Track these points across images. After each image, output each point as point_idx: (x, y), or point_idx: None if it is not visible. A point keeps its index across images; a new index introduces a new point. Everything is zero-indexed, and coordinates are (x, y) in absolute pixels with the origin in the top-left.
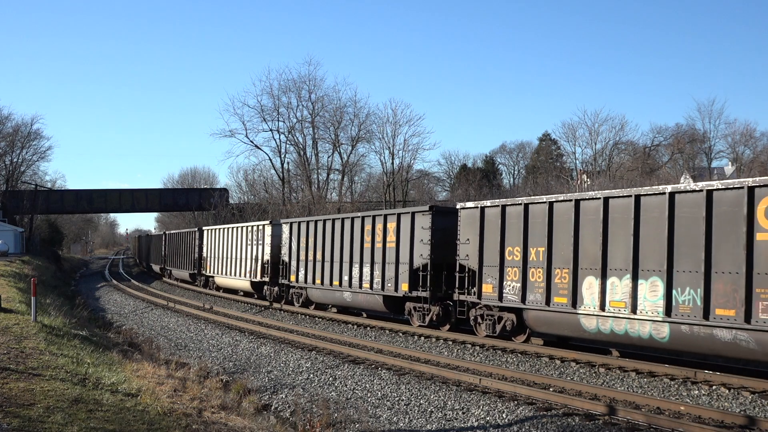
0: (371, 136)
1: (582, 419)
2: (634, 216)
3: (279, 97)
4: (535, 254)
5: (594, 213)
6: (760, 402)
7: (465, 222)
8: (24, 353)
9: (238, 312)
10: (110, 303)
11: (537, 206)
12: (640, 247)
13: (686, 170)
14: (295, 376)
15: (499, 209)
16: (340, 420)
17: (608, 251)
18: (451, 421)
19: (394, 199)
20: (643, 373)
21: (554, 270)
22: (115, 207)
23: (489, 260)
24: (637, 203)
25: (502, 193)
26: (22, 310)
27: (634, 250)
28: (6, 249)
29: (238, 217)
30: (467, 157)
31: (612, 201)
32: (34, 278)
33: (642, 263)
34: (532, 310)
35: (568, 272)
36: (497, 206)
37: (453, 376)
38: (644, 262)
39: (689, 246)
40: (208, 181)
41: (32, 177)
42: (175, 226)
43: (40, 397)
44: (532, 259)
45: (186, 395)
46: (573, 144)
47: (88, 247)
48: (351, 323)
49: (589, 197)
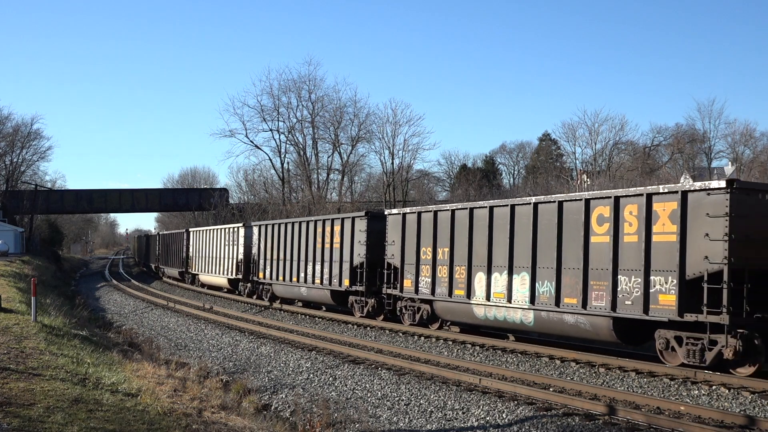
0: (371, 136)
1: (582, 419)
2: (510, 222)
3: (279, 97)
4: (441, 254)
5: (483, 219)
6: (760, 402)
7: (391, 226)
8: (24, 353)
9: (238, 312)
10: (110, 303)
11: (443, 213)
12: (514, 248)
13: (686, 170)
14: (295, 376)
15: (416, 215)
16: (340, 420)
17: (492, 251)
18: (451, 421)
19: (394, 199)
20: (643, 373)
21: (455, 267)
22: (115, 207)
23: (408, 259)
24: (512, 211)
25: (501, 193)
26: (22, 310)
27: (509, 250)
28: (6, 249)
29: (238, 217)
30: (467, 157)
31: (496, 209)
32: (34, 278)
33: (515, 261)
34: (439, 301)
35: (465, 269)
36: (414, 213)
37: (453, 376)
38: (517, 260)
39: (547, 247)
40: (208, 181)
41: (32, 177)
42: (175, 226)
43: (40, 397)
44: (440, 258)
45: (186, 395)
46: (573, 144)
47: (88, 247)
48: (351, 323)
49: (479, 206)
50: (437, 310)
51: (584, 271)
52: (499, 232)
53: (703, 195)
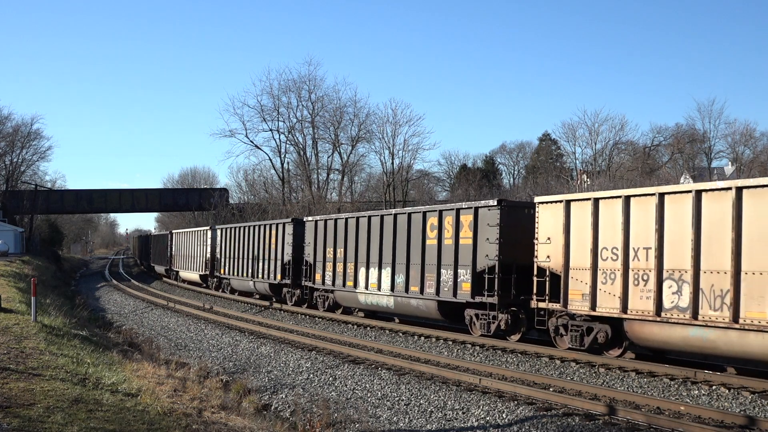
0: (371, 136)
1: (582, 419)
2: (380, 228)
3: (279, 97)
4: (339, 253)
5: (364, 226)
6: (760, 402)
7: (308, 230)
8: (24, 353)
9: (238, 312)
10: (110, 303)
11: (340, 221)
12: (383, 249)
13: (686, 170)
14: (295, 376)
15: (324, 222)
16: (340, 420)
17: (369, 251)
18: (451, 421)
19: (393, 199)
20: (643, 373)
21: (347, 264)
22: (115, 207)
23: (319, 257)
24: (382, 220)
25: (502, 193)
26: (22, 310)
27: (379, 251)
28: (6, 249)
29: (238, 217)
30: (467, 157)
31: (372, 218)
32: (34, 278)
33: (383, 259)
34: (338, 290)
35: (353, 265)
36: (322, 220)
37: (453, 376)
38: (384, 258)
39: (402, 248)
40: (208, 181)
41: (32, 177)
42: (175, 226)
43: (40, 397)
44: (338, 257)
45: (186, 395)
46: (573, 144)
47: (88, 247)
48: (351, 323)
49: (361, 216)
50: (337, 298)
51: (422, 266)
52: (374, 237)
53: (486, 210)
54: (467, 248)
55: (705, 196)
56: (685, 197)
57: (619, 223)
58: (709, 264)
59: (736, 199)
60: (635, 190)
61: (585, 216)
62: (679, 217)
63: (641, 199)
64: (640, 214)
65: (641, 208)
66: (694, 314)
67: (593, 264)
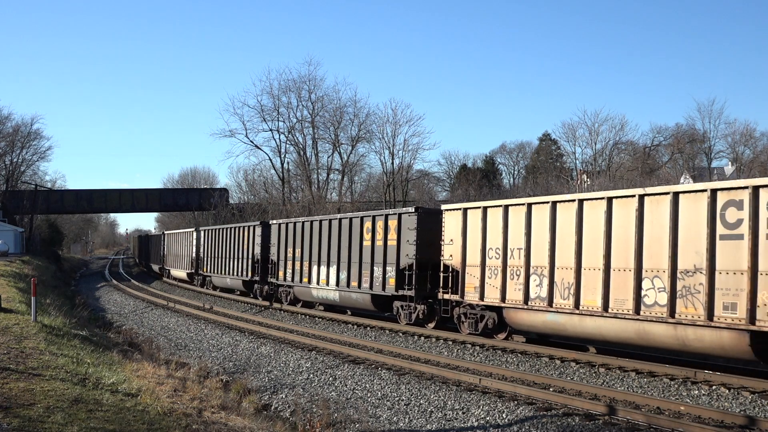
0: (371, 136)
1: (582, 419)
2: (328, 231)
3: (279, 97)
4: (299, 253)
5: (317, 229)
6: (760, 402)
7: (273, 232)
8: (24, 353)
9: (238, 312)
10: (110, 303)
11: (298, 224)
12: (330, 249)
13: (686, 170)
14: (295, 376)
15: (285, 225)
16: (340, 420)
17: (321, 251)
18: (451, 421)
19: (394, 199)
20: (643, 373)
21: (303, 263)
22: (115, 207)
23: (281, 256)
24: (330, 223)
25: (502, 194)
26: (22, 310)
27: (328, 251)
28: (6, 249)
29: (239, 217)
30: (467, 157)
31: (323, 222)
32: (34, 278)
33: (331, 258)
34: (296, 286)
35: (308, 263)
36: (285, 223)
37: (453, 376)
38: (332, 257)
39: (345, 248)
40: (208, 181)
41: (32, 177)
42: (175, 226)
43: (40, 397)
44: (297, 256)
45: (186, 395)
46: (573, 144)
47: (88, 247)
48: (351, 323)
49: (314, 220)
50: (295, 293)
51: (360, 264)
52: (324, 239)
53: (407, 216)
54: (393, 249)
55: (559, 206)
56: (545, 207)
57: (500, 228)
58: (561, 262)
59: (578, 209)
60: (512, 200)
61: (477, 222)
62: (541, 223)
63: (516, 208)
64: (515, 220)
65: (516, 215)
66: (550, 302)
67: (482, 262)
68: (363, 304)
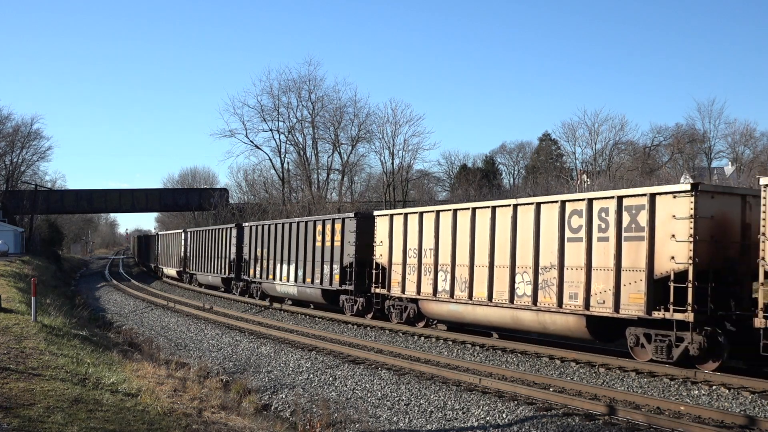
0: (371, 136)
1: (582, 419)
2: (289, 233)
3: (279, 97)
4: (266, 252)
5: (279, 232)
6: (760, 402)
7: (246, 233)
8: (24, 353)
9: (238, 312)
10: (110, 303)
11: (266, 227)
12: (291, 249)
13: (686, 170)
14: (295, 376)
15: (256, 227)
16: (340, 420)
17: (283, 251)
18: (451, 421)
19: (394, 199)
20: (643, 373)
21: (270, 261)
22: (115, 207)
23: (253, 256)
24: (290, 227)
25: (502, 194)
26: (22, 310)
27: (288, 251)
28: (6, 249)
29: (239, 218)
30: (467, 157)
31: (284, 225)
32: (34, 278)
33: (290, 257)
34: (263, 283)
35: (273, 262)
36: (255, 225)
37: (453, 376)
38: (291, 256)
39: (301, 248)
40: (208, 181)
41: (32, 177)
42: (175, 226)
43: (40, 397)
44: (264, 255)
45: (186, 395)
46: (573, 144)
47: (88, 247)
48: (351, 323)
49: (278, 222)
50: (263, 289)
51: (313, 262)
52: (285, 240)
53: (349, 220)
54: (338, 249)
55: (459, 213)
56: (448, 214)
57: (416, 231)
58: (460, 260)
59: (471, 216)
60: (426, 207)
61: (400, 226)
62: (446, 228)
63: (428, 215)
64: (427, 224)
65: (428, 220)
66: (451, 294)
67: (403, 260)
68: (316, 298)
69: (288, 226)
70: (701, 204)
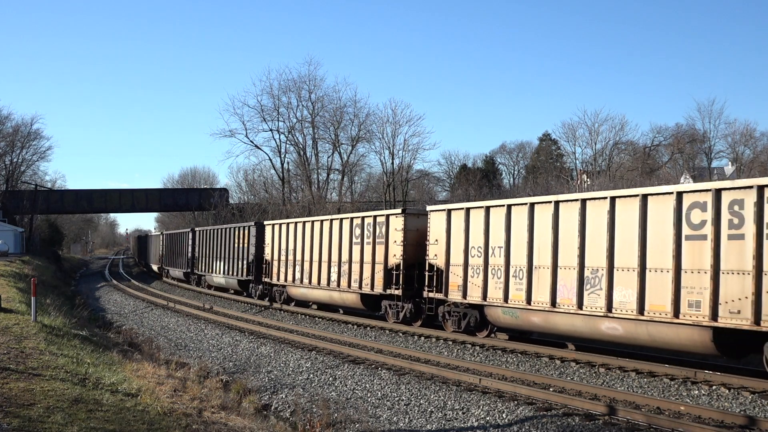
0: (371, 136)
1: (582, 419)
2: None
3: (279, 97)
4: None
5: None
6: (760, 402)
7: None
8: (24, 353)
9: (238, 312)
10: (110, 303)
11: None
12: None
13: (686, 170)
14: (295, 376)
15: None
16: (340, 420)
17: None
18: (451, 421)
19: (394, 199)
20: (643, 373)
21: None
22: (115, 207)
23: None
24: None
25: (502, 194)
26: (22, 310)
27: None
28: (6, 249)
29: (238, 217)
30: (467, 157)
31: (315, 223)
32: (34, 278)
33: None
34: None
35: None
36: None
37: (453, 376)
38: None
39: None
40: (208, 181)
41: (32, 177)
42: (175, 226)
43: (40, 397)
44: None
45: (186, 395)
46: (573, 144)
47: (88, 247)
48: (351, 323)
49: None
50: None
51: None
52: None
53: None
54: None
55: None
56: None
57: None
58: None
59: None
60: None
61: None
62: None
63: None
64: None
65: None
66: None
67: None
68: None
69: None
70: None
